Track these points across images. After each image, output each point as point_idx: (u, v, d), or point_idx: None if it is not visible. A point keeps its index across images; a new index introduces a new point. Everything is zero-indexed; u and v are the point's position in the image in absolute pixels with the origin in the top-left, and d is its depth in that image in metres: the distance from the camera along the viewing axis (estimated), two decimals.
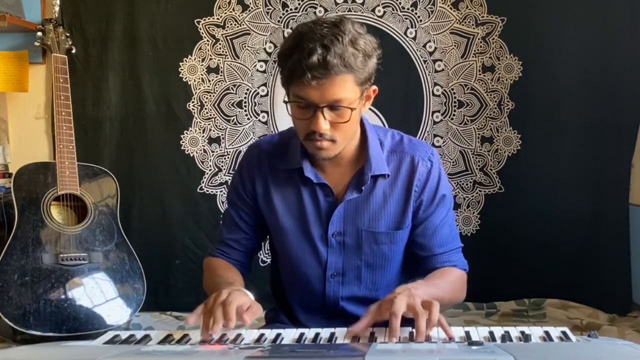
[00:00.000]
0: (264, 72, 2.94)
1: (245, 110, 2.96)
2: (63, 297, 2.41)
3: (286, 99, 1.39)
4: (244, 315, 1.27)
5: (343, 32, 1.28)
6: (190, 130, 2.97)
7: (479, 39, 2.88)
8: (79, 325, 2.40)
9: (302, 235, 1.50)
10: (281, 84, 1.40)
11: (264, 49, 2.93)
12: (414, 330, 1.20)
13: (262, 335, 1.26)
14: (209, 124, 2.96)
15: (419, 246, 1.51)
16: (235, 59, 2.93)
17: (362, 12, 2.88)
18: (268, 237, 1.65)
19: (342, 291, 1.51)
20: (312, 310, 1.55)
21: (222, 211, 2.97)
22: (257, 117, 2.96)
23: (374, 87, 1.40)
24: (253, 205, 1.56)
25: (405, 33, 2.89)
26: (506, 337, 1.16)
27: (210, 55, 2.93)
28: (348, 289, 1.51)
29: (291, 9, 2.91)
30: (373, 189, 1.47)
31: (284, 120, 2.93)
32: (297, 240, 1.51)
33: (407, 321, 1.23)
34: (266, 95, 2.95)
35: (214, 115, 2.96)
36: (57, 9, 2.78)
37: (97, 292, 2.49)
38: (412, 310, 1.20)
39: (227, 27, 2.92)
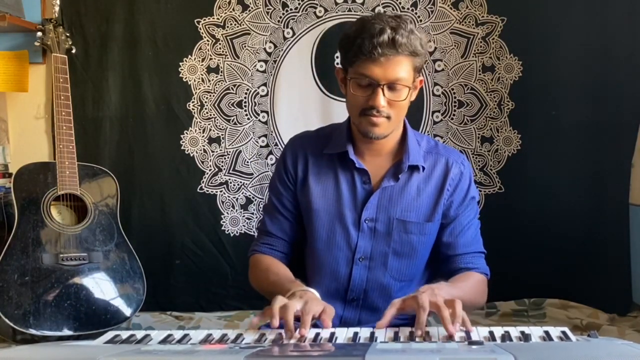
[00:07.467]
0: (264, 72, 2.94)
1: (245, 110, 2.96)
2: (63, 297, 2.42)
3: (349, 77, 1.46)
4: (325, 319, 1.31)
5: (405, 21, 1.43)
6: (190, 130, 2.97)
7: (479, 39, 2.88)
8: (79, 325, 2.41)
9: (335, 217, 1.56)
10: (342, 66, 1.50)
11: (264, 49, 2.93)
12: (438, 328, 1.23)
13: (262, 335, 1.26)
14: (209, 124, 2.96)
15: (445, 245, 1.58)
16: (235, 59, 2.93)
17: (362, 12, 2.88)
18: None
19: (368, 275, 1.56)
20: (335, 298, 1.57)
21: (222, 211, 2.97)
22: (257, 117, 2.96)
23: (422, 77, 1.51)
24: (295, 190, 1.61)
25: None
26: (506, 336, 1.16)
27: (210, 55, 2.93)
28: (374, 274, 1.56)
29: (291, 9, 2.91)
30: (408, 181, 1.55)
31: (284, 120, 2.94)
32: (329, 222, 1.57)
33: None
34: (266, 95, 2.95)
35: (214, 115, 2.96)
36: (57, 9, 2.78)
37: (97, 292, 2.49)
38: (435, 307, 1.24)
39: (227, 27, 2.92)
